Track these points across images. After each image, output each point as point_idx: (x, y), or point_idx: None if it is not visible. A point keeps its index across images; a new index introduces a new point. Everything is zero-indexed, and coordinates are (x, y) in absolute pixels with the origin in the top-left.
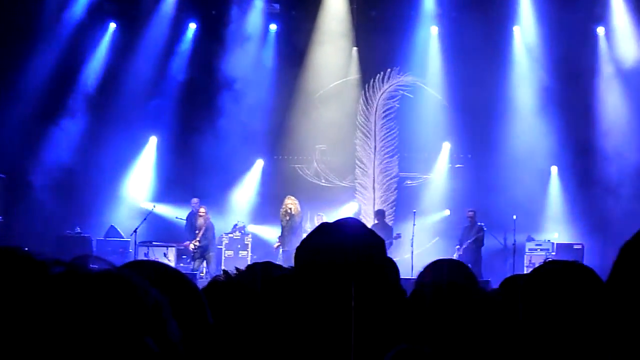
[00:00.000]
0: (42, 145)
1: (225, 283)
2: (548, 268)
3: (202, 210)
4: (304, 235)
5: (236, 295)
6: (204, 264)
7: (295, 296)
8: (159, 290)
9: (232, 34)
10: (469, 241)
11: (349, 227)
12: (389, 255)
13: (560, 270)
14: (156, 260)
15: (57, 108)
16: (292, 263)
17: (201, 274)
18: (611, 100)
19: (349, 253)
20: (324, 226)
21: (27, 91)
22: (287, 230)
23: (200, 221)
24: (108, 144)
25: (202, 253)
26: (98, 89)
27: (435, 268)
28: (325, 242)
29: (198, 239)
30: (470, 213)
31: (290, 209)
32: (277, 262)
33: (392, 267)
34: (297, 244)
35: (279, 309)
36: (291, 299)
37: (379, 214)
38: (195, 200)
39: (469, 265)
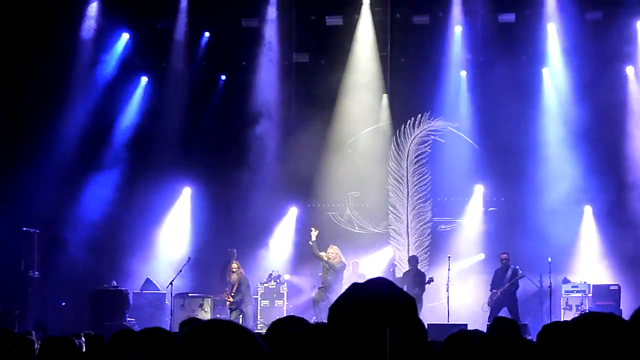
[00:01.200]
0: (76, 200)
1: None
2: (585, 321)
3: (234, 265)
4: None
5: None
6: (240, 316)
7: (326, 352)
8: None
9: (262, 84)
10: (506, 285)
11: (379, 288)
12: (424, 299)
13: (596, 323)
14: (228, 320)
15: (90, 162)
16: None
17: None
18: None
19: (379, 314)
20: (354, 287)
21: (61, 146)
22: (327, 279)
23: (234, 277)
24: (142, 196)
25: (238, 306)
26: (131, 142)
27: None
28: (355, 303)
29: (232, 294)
30: (504, 256)
31: (329, 258)
32: (313, 312)
33: (421, 327)
34: (336, 294)
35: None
36: (322, 354)
37: (412, 261)
38: (232, 251)
39: (506, 308)
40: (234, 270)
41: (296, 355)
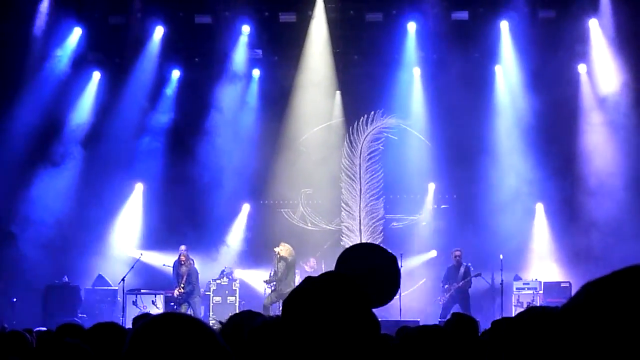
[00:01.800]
0: (27, 196)
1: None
2: (530, 315)
3: (182, 257)
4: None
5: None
6: (190, 310)
7: (281, 346)
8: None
9: (215, 80)
10: (460, 283)
11: (332, 282)
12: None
13: (541, 318)
14: (183, 313)
15: (42, 158)
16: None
17: None
18: (594, 137)
19: (333, 308)
20: (307, 281)
21: (11, 141)
22: (280, 274)
23: (183, 268)
24: (94, 192)
25: (186, 298)
26: (83, 138)
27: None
28: (310, 297)
29: (182, 284)
30: (457, 252)
31: (279, 253)
32: (266, 305)
33: (374, 321)
34: (287, 289)
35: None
36: (277, 348)
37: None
38: (182, 247)
39: (459, 305)
40: (183, 261)
41: (250, 351)
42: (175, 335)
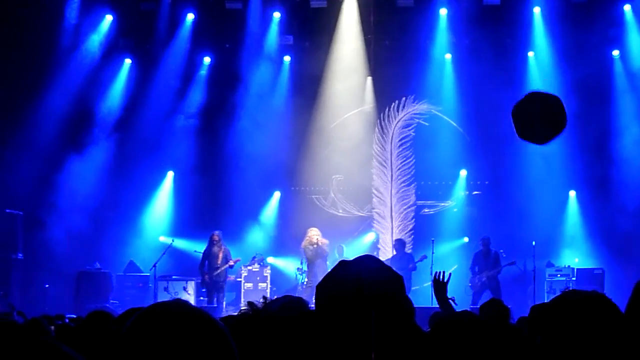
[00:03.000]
0: (59, 182)
1: (250, 317)
2: (566, 299)
3: (215, 237)
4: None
5: (261, 331)
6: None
7: (316, 333)
8: (185, 335)
9: (246, 66)
10: (494, 271)
11: (368, 265)
12: (411, 282)
13: (579, 302)
14: (179, 299)
15: (74, 144)
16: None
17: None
18: (628, 123)
19: (367, 291)
20: (343, 264)
21: (44, 128)
22: (314, 259)
23: (215, 249)
24: (126, 179)
25: (222, 279)
26: (114, 125)
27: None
28: (344, 280)
29: (217, 265)
30: (485, 239)
31: (318, 238)
32: (297, 294)
33: (409, 304)
34: (322, 273)
35: (302, 346)
36: (313, 335)
37: (399, 244)
38: (217, 232)
39: (490, 291)
40: (216, 241)
41: (283, 337)
42: (172, 329)
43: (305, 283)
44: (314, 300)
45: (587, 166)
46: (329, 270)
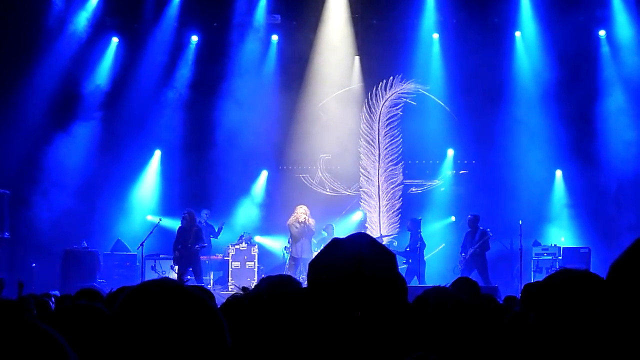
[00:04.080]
0: (45, 161)
1: (241, 300)
2: (562, 277)
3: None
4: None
5: (253, 312)
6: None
7: (308, 311)
8: (178, 314)
9: (233, 45)
10: (475, 247)
11: (362, 243)
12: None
13: (574, 280)
14: (166, 278)
15: (60, 123)
16: (303, 271)
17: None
18: (614, 104)
19: (363, 269)
20: (335, 242)
21: (31, 106)
22: (299, 237)
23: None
24: (113, 158)
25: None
26: (102, 103)
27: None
28: (337, 258)
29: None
30: (471, 217)
31: (305, 217)
32: (285, 272)
33: (403, 282)
34: (307, 251)
35: (292, 324)
36: (305, 313)
37: (415, 224)
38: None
39: (476, 270)
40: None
41: (272, 315)
42: (162, 306)
43: (290, 261)
44: (299, 277)
45: (574, 146)
46: (322, 248)
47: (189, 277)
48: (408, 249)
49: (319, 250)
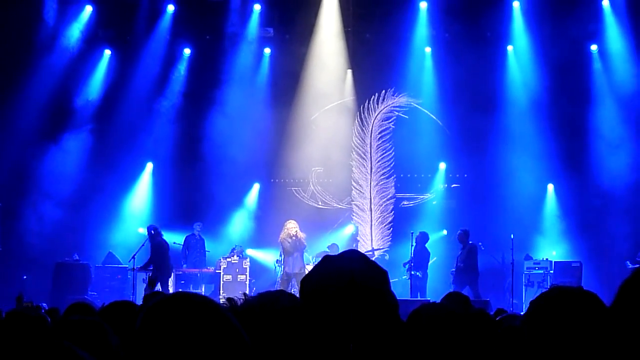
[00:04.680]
0: (36, 173)
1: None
2: (553, 295)
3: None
4: (311, 263)
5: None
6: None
7: (301, 327)
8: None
9: (226, 58)
10: (459, 264)
11: (353, 260)
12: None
13: (566, 298)
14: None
15: (52, 135)
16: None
17: None
18: (606, 118)
19: (354, 286)
20: (328, 259)
21: (22, 119)
22: (292, 252)
23: None
24: (105, 170)
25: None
26: (94, 116)
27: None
28: (329, 274)
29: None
30: (459, 232)
31: (296, 231)
32: (277, 286)
33: (393, 299)
34: (300, 266)
35: (284, 339)
36: (297, 328)
37: (423, 238)
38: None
39: (465, 286)
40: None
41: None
42: (188, 315)
43: (281, 275)
44: (292, 291)
45: (565, 159)
46: (315, 265)
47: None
48: (412, 263)
49: (313, 266)
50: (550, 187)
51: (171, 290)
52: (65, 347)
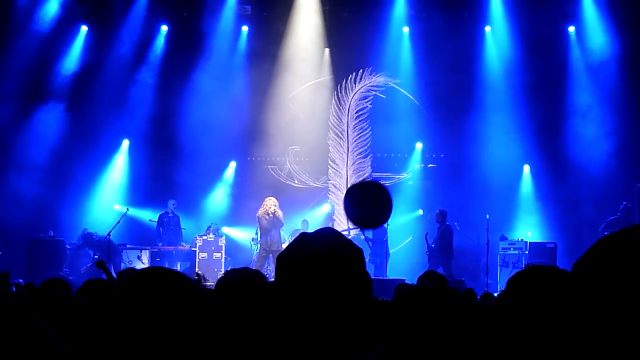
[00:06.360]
0: (12, 148)
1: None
2: (529, 273)
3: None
4: (286, 240)
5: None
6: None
7: (276, 305)
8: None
9: (203, 36)
10: (433, 244)
11: (329, 238)
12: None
13: (540, 276)
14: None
15: (26, 111)
16: (271, 262)
17: None
18: (583, 101)
19: (329, 263)
20: (303, 236)
21: None
22: (269, 229)
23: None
24: (81, 147)
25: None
26: (70, 92)
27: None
28: (304, 252)
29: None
30: (437, 213)
31: (275, 209)
32: (253, 264)
33: (368, 276)
34: (277, 243)
35: (259, 316)
36: (273, 307)
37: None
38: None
39: (439, 266)
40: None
41: (243, 306)
42: (159, 287)
43: (258, 253)
44: (267, 270)
45: (542, 141)
46: (290, 242)
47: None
48: (371, 244)
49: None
50: (527, 168)
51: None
52: (34, 324)
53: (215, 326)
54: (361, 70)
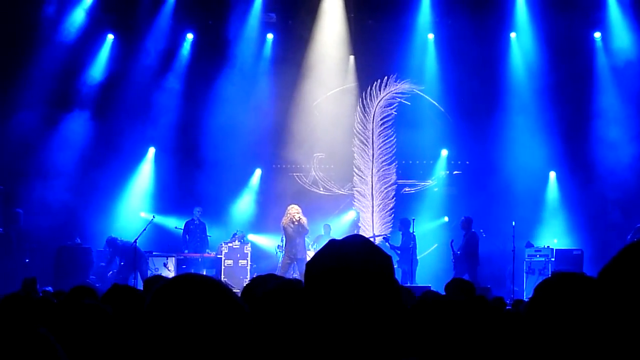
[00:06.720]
0: (40, 157)
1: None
2: (556, 280)
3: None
4: (310, 248)
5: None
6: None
7: (304, 310)
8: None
9: (228, 44)
10: (458, 251)
11: (357, 244)
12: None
13: (568, 283)
14: (203, 275)
15: (54, 119)
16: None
17: None
18: (609, 106)
19: (358, 270)
20: (332, 243)
21: (24, 103)
22: (295, 237)
23: None
24: (107, 155)
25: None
26: (96, 100)
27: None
28: (334, 259)
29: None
30: (462, 220)
31: (299, 216)
32: (278, 271)
33: (397, 284)
34: (302, 251)
35: (287, 323)
36: (300, 312)
37: (404, 224)
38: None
39: (465, 273)
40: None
41: (266, 313)
42: (195, 295)
43: (282, 260)
44: (293, 276)
45: (568, 147)
46: (319, 250)
47: None
48: (399, 251)
49: (314, 250)
50: (552, 175)
51: (173, 274)
52: (41, 335)
53: (252, 336)
54: (386, 77)
